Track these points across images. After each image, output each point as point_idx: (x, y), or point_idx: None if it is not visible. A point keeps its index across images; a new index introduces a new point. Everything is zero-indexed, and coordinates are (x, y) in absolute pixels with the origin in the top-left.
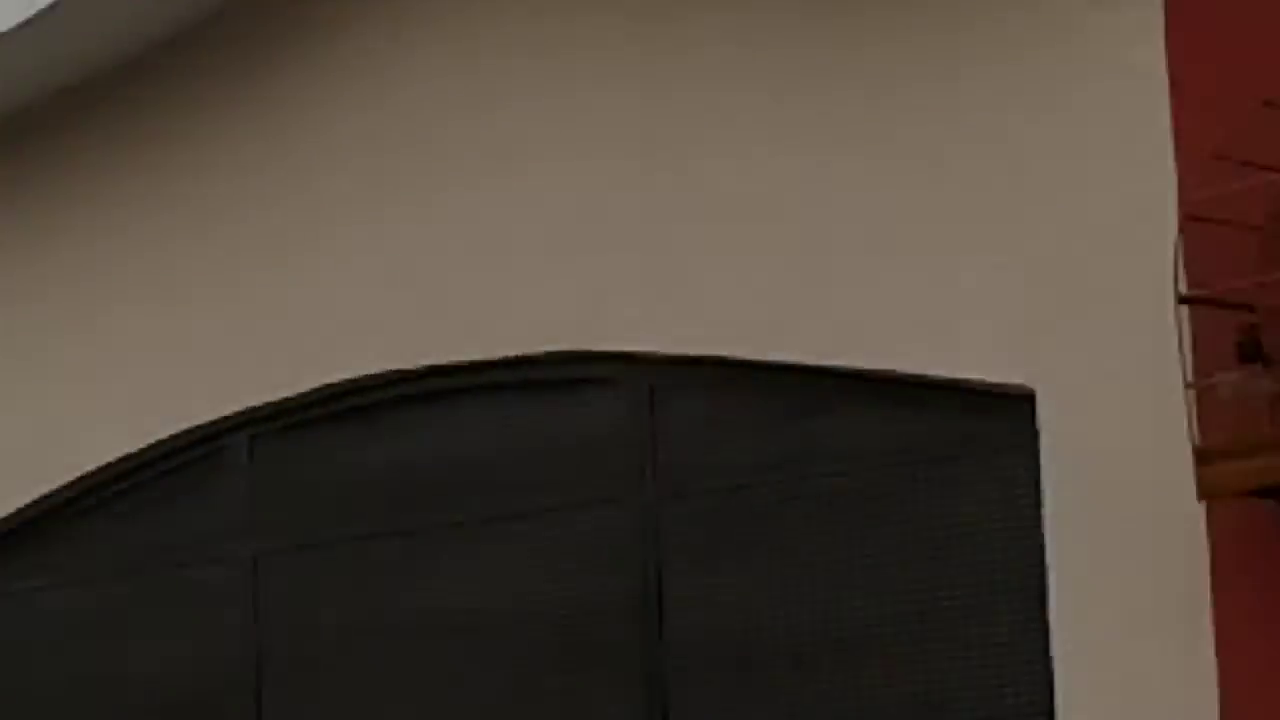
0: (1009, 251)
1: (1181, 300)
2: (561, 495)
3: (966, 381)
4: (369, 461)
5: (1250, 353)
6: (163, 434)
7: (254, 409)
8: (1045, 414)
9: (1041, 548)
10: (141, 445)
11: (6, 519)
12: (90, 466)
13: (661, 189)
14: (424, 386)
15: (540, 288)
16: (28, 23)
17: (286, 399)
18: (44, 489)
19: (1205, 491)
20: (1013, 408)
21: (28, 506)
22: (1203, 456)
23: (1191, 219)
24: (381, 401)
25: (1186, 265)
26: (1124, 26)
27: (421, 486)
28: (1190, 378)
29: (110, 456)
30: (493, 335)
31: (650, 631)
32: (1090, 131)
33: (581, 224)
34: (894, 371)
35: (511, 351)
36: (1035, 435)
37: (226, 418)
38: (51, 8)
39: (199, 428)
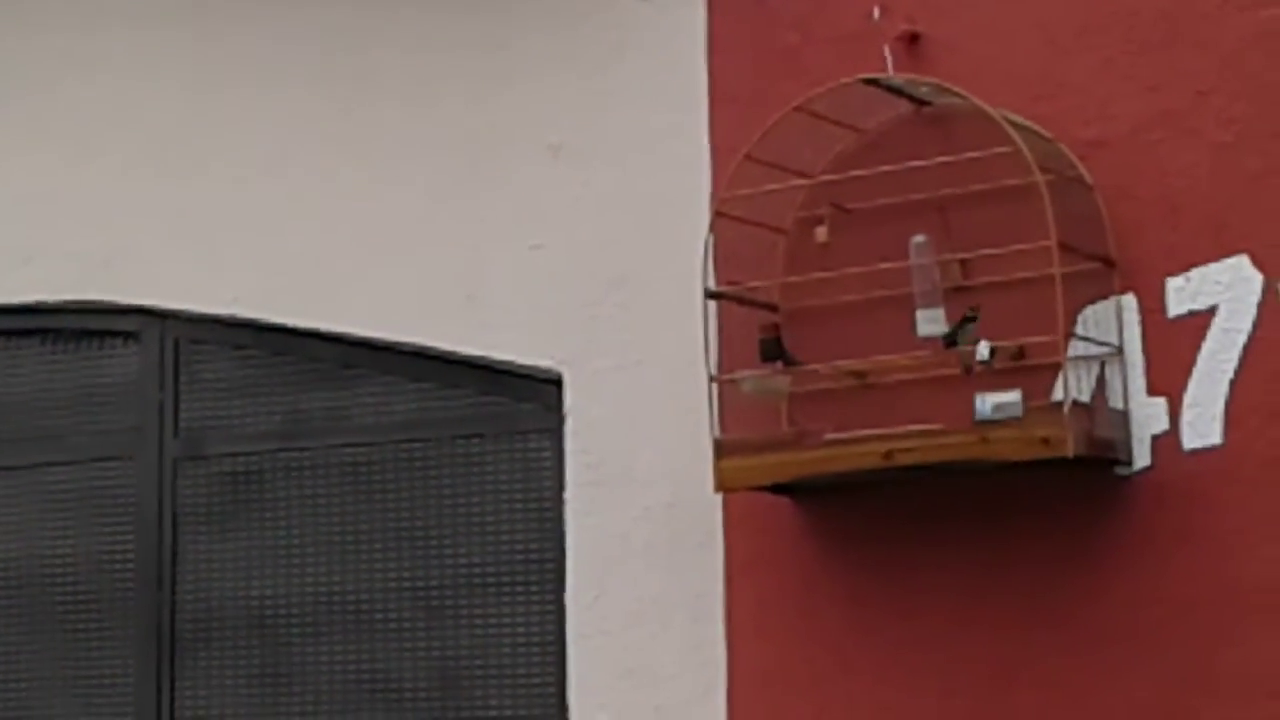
0: (545, 234)
1: (709, 295)
2: (79, 448)
3: (495, 361)
4: None
5: (771, 351)
6: None
7: None
8: (572, 399)
9: (563, 531)
10: None
11: None
12: None
13: (200, 145)
14: None
15: (66, 235)
16: None
17: None
18: None
19: (721, 484)
20: (540, 390)
21: None
22: (720, 450)
23: (723, 217)
24: None
25: (718, 262)
26: (667, 21)
27: None
28: (715, 372)
29: None
30: (12, 281)
31: (162, 591)
32: (632, 121)
33: (114, 175)
34: (424, 346)
35: (32, 298)
36: (561, 419)
37: None
38: None
39: None
